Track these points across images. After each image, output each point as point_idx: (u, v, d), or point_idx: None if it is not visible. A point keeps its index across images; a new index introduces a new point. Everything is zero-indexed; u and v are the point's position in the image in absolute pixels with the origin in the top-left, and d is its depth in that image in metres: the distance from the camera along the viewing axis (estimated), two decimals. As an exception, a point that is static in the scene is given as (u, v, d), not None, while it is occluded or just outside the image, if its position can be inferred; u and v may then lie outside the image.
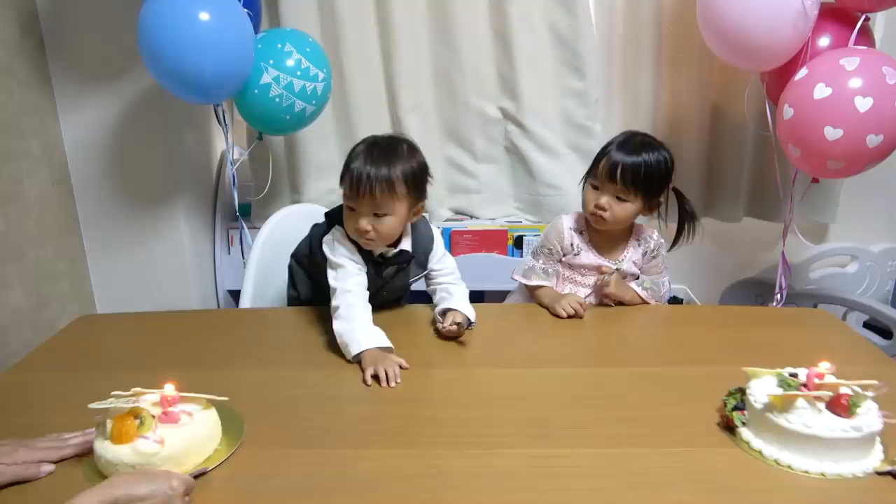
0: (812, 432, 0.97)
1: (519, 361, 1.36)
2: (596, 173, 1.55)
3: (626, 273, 1.63)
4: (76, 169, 2.09)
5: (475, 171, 2.37)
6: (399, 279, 1.55)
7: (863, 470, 0.97)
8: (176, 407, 1.00)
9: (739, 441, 1.05)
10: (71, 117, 2.05)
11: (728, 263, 2.51)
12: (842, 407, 0.99)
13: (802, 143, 1.70)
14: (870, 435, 0.98)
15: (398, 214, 1.40)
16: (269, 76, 1.78)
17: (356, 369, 1.32)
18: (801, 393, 1.00)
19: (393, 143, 1.43)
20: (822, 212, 2.34)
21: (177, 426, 0.98)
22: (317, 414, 1.17)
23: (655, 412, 1.17)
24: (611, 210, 1.54)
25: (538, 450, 1.05)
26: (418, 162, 1.43)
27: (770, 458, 1.00)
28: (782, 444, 1.00)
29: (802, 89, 1.67)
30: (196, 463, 0.99)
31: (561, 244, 1.65)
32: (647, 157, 1.52)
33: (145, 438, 0.95)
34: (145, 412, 0.98)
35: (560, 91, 2.26)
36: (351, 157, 1.40)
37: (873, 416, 0.99)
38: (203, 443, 1.01)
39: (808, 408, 1.00)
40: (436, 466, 1.01)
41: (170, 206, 2.16)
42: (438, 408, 1.18)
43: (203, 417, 1.03)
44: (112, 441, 0.95)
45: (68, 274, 2.08)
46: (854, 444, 0.97)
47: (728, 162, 2.32)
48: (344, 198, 1.42)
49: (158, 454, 0.95)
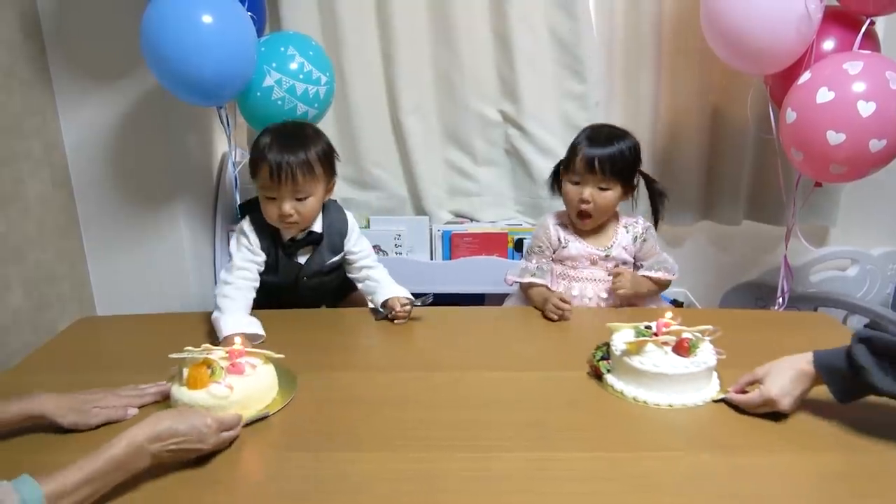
0: (660, 370, 1.17)
1: (516, 364, 1.36)
2: (573, 169, 1.61)
3: (618, 261, 1.67)
4: (77, 170, 2.09)
5: (475, 173, 2.37)
6: (314, 262, 1.61)
7: (702, 399, 1.19)
8: (241, 359, 1.17)
9: (606, 385, 1.25)
10: (72, 119, 2.04)
11: (728, 266, 2.50)
12: (684, 349, 1.20)
13: (805, 147, 1.69)
14: (706, 369, 1.20)
15: (317, 195, 1.51)
16: (272, 79, 1.78)
17: (351, 372, 1.33)
18: (649, 338, 1.21)
19: (298, 127, 1.54)
20: (822, 215, 2.33)
21: (242, 376, 1.15)
22: (313, 417, 1.18)
23: (653, 416, 1.17)
24: (594, 202, 1.60)
25: (535, 453, 1.05)
26: (325, 142, 1.54)
27: (629, 397, 1.20)
28: (638, 383, 1.20)
29: (805, 93, 1.67)
30: (258, 408, 1.16)
31: (549, 240, 1.69)
32: (619, 145, 1.59)
33: (218, 384, 1.12)
34: (216, 363, 1.15)
35: (560, 94, 2.26)
36: (261, 148, 1.47)
37: (709, 354, 1.22)
38: (264, 391, 1.19)
39: (657, 351, 1.21)
40: (432, 470, 1.01)
41: (170, 208, 2.16)
42: (435, 411, 1.19)
43: (264, 370, 1.20)
44: (188, 387, 1.13)
45: (68, 275, 2.08)
46: (694, 377, 1.19)
47: (728, 165, 2.32)
48: (261, 189, 1.50)
49: (228, 398, 1.11)
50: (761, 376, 1.15)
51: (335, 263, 1.67)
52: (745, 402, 1.15)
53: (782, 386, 1.11)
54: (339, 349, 1.42)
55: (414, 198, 2.38)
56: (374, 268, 1.67)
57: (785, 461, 1.03)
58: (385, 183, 2.35)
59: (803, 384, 1.12)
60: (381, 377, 1.31)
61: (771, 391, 1.11)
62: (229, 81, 1.73)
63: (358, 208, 2.36)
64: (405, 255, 2.33)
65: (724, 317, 1.68)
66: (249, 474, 1.01)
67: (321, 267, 1.64)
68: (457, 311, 1.67)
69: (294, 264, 1.61)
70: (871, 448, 1.06)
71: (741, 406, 1.16)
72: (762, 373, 1.15)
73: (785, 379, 1.12)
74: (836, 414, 1.13)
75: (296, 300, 1.68)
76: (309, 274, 1.64)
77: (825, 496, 0.97)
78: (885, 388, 1.02)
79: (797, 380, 1.12)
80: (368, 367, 1.37)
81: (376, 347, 1.50)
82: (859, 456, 1.04)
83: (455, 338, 1.51)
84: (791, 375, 1.12)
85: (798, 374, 1.12)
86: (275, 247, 1.59)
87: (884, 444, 1.06)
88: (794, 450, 1.06)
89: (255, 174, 1.50)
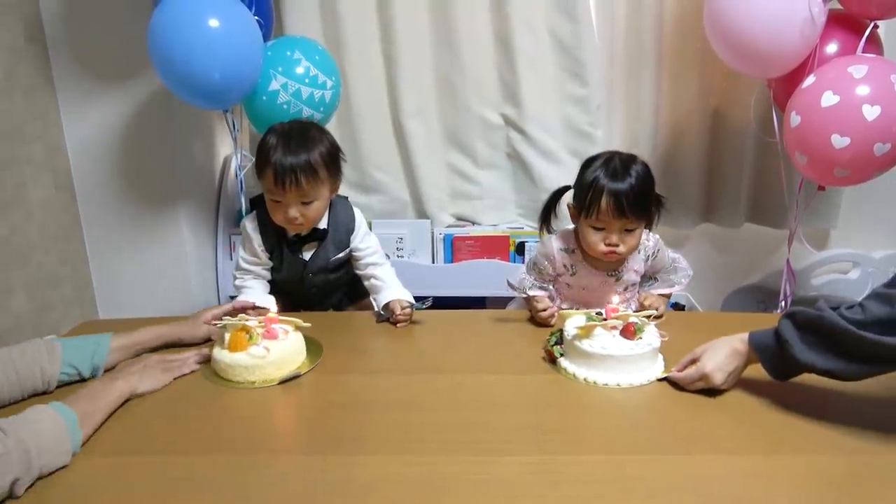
0: (608, 352, 1.26)
1: (516, 367, 1.36)
2: (595, 214, 1.45)
3: (627, 283, 1.62)
4: (79, 174, 2.10)
5: (477, 177, 2.36)
6: (319, 258, 1.61)
7: (647, 379, 1.27)
8: (275, 326, 1.32)
9: (559, 369, 1.32)
10: (74, 122, 2.05)
11: (729, 270, 2.50)
12: (630, 332, 1.29)
13: (809, 150, 1.69)
14: (651, 350, 1.28)
15: (323, 197, 1.53)
16: (278, 83, 1.79)
17: (355, 375, 1.33)
18: (597, 322, 1.30)
19: (304, 128, 1.53)
20: (823, 217, 2.33)
21: (277, 340, 1.31)
22: (320, 420, 1.18)
23: (654, 419, 1.17)
24: (623, 244, 1.48)
25: (536, 456, 1.05)
26: (330, 142, 1.54)
27: (581, 378, 1.28)
28: (589, 365, 1.28)
29: (810, 97, 1.66)
30: (290, 369, 1.31)
31: (553, 266, 1.61)
32: (637, 172, 1.45)
33: (256, 346, 1.28)
34: (253, 329, 1.30)
35: (562, 97, 2.25)
36: (266, 151, 1.47)
37: (653, 336, 1.30)
38: (296, 353, 1.34)
39: (605, 334, 1.29)
40: (433, 473, 1.01)
41: (173, 211, 2.16)
42: (435, 413, 1.19)
43: (294, 336, 1.36)
44: (229, 349, 1.28)
45: (71, 279, 2.08)
46: (640, 358, 1.27)
47: (729, 168, 2.31)
48: (267, 192, 1.51)
49: (266, 358, 1.27)
50: (699, 354, 1.22)
51: (340, 260, 1.66)
52: (682, 378, 1.22)
53: (717, 362, 1.18)
54: (343, 352, 1.42)
55: (415, 201, 2.38)
56: (381, 265, 1.66)
57: (784, 463, 1.03)
58: (386, 186, 2.34)
59: (736, 361, 1.19)
60: (384, 380, 1.31)
61: (706, 366, 1.18)
62: (236, 85, 1.73)
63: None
64: (407, 258, 2.32)
65: (728, 321, 1.68)
66: (256, 478, 1.01)
67: (326, 263, 1.64)
68: (458, 315, 1.67)
69: (299, 260, 1.62)
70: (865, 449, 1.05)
71: (679, 383, 1.23)
72: (700, 351, 1.23)
73: (720, 355, 1.19)
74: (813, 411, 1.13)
75: (304, 299, 1.69)
76: (314, 270, 1.64)
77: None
78: (805, 360, 1.08)
79: (731, 356, 1.19)
80: (372, 371, 1.37)
81: (379, 351, 1.50)
82: (850, 457, 1.04)
83: (456, 341, 1.51)
84: (726, 352, 1.19)
85: (732, 352, 1.19)
86: (279, 243, 1.60)
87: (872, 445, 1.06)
88: (790, 452, 1.06)
89: (260, 175, 1.52)
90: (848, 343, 1.04)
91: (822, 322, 1.06)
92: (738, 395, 1.22)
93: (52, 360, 1.21)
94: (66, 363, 1.23)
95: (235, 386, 1.28)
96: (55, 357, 1.22)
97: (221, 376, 1.30)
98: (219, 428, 1.15)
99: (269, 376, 1.29)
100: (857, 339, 1.02)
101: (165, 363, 1.30)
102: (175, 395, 1.26)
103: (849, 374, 1.07)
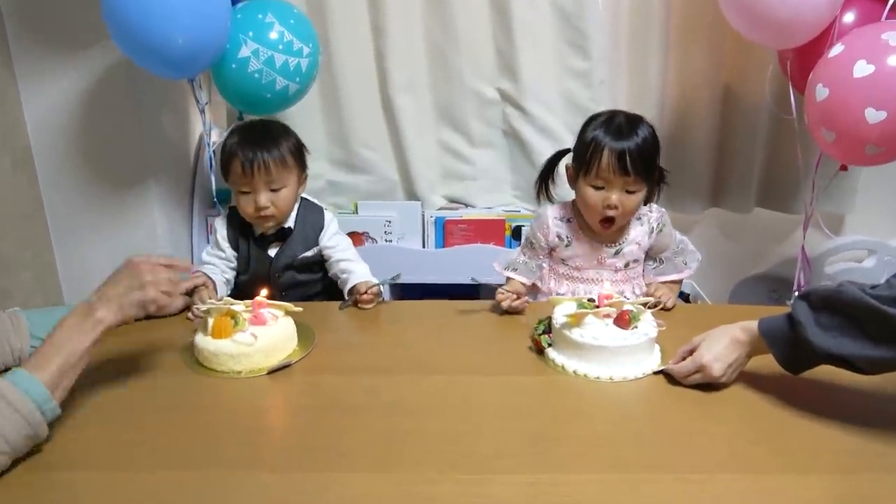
0: (600, 343, 1.16)
1: (514, 367, 1.24)
2: (595, 171, 1.40)
3: (628, 259, 1.51)
4: (40, 151, 1.95)
5: (471, 156, 2.26)
6: (285, 255, 1.60)
7: (643, 372, 1.18)
8: (263, 311, 1.24)
9: (547, 360, 1.23)
10: (34, 96, 1.90)
11: (738, 257, 2.39)
12: (624, 321, 1.19)
13: (838, 126, 1.55)
14: (647, 341, 1.18)
15: (291, 186, 1.53)
16: (248, 49, 1.65)
17: (331, 375, 1.21)
18: (589, 310, 1.20)
19: (265, 123, 1.57)
20: (839, 202, 2.21)
21: (266, 326, 1.22)
22: (287, 427, 1.05)
23: (667, 428, 1.04)
24: (622, 206, 1.41)
25: (538, 475, 0.92)
26: (294, 136, 1.57)
27: (570, 371, 1.18)
28: (579, 356, 1.18)
29: (839, 67, 1.53)
30: (280, 357, 1.23)
31: (546, 238, 1.53)
32: (643, 133, 1.40)
33: (243, 333, 1.19)
34: (239, 314, 1.22)
35: (562, 71, 2.14)
36: (229, 148, 1.50)
37: (649, 325, 1.21)
38: (286, 341, 1.26)
39: (597, 323, 1.19)
40: (420, 494, 0.88)
41: (143, 192, 2.03)
42: (423, 420, 1.06)
43: (284, 321, 1.27)
44: (212, 336, 1.20)
45: (31, 264, 1.94)
46: (635, 350, 1.17)
47: (740, 148, 2.20)
48: (234, 185, 1.52)
49: (253, 345, 1.18)
50: (697, 343, 1.14)
51: (308, 259, 1.61)
52: (678, 370, 1.14)
53: (716, 352, 1.10)
54: (319, 348, 1.29)
55: (405, 181, 2.27)
56: (353, 261, 1.61)
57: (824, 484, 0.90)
58: (374, 165, 2.23)
59: (737, 351, 1.10)
60: (365, 381, 1.18)
61: (703, 357, 1.10)
62: (201, 51, 1.59)
63: (345, 192, 2.25)
64: (395, 242, 2.22)
65: (737, 313, 1.54)
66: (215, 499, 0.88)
67: (292, 260, 1.59)
68: (450, 305, 1.54)
69: (265, 256, 1.59)
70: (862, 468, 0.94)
71: (675, 376, 1.14)
72: (698, 340, 1.14)
73: (719, 345, 1.10)
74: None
75: None
76: (280, 268, 1.59)
77: None
78: (821, 345, 0.97)
79: (731, 346, 1.10)
80: (352, 370, 1.24)
81: (362, 346, 1.37)
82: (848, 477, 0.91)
83: (447, 335, 1.39)
84: (725, 342, 1.11)
85: (732, 341, 1.10)
86: (246, 239, 1.60)
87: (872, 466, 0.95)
88: (783, 470, 0.93)
89: (227, 173, 1.52)
90: (871, 322, 0.92)
91: (840, 298, 0.94)
92: (748, 393, 1.11)
93: (20, 334, 1.15)
94: (34, 337, 1.15)
95: (219, 375, 1.19)
96: (22, 331, 1.15)
97: (205, 365, 1.21)
98: (189, 431, 1.03)
99: (257, 365, 1.21)
100: (883, 317, 0.90)
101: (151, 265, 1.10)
102: (153, 386, 1.17)
103: (872, 361, 0.94)
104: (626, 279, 1.53)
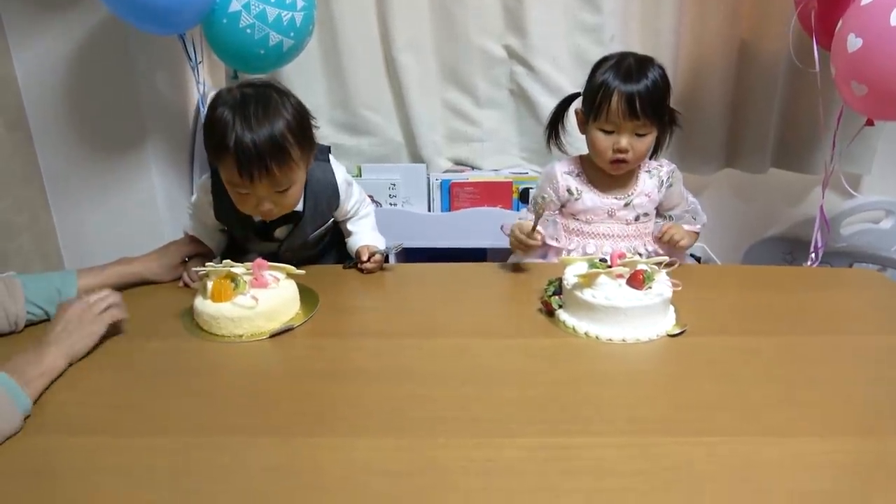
0: (612, 304, 1.12)
1: (524, 330, 1.19)
2: (605, 115, 1.38)
3: (638, 212, 1.49)
4: (34, 112, 1.90)
5: (477, 117, 2.20)
6: (296, 238, 1.44)
7: (656, 334, 1.13)
8: (264, 273, 1.19)
9: (557, 322, 1.19)
10: (25, 53, 1.84)
11: (752, 219, 2.33)
12: (638, 281, 1.14)
13: (872, 78, 1.46)
14: (661, 301, 1.14)
15: (299, 181, 1.29)
16: (239, 3, 1.57)
17: (337, 339, 1.17)
18: (601, 270, 1.15)
19: (260, 94, 1.22)
20: (857, 162, 2.14)
21: (267, 289, 1.18)
22: (289, 391, 1.01)
23: (682, 391, 1.00)
24: (633, 150, 1.39)
25: (548, 439, 0.88)
26: (294, 107, 1.26)
27: (581, 333, 1.14)
28: (591, 318, 1.14)
29: (874, 14, 1.44)
30: (282, 321, 1.19)
31: (556, 192, 1.51)
32: (652, 75, 1.37)
33: (243, 295, 1.15)
34: (240, 276, 1.17)
35: (572, 26, 2.07)
36: (220, 130, 1.18)
37: (664, 285, 1.16)
38: (288, 304, 1.22)
39: (610, 283, 1.15)
40: (430, 459, 0.85)
41: (140, 153, 1.98)
42: (430, 384, 1.02)
43: (287, 284, 1.23)
44: (212, 300, 1.16)
45: (29, 227, 1.90)
46: (648, 311, 1.13)
47: (757, 106, 2.12)
48: (228, 183, 1.25)
49: (254, 308, 1.14)
50: None
51: (322, 233, 1.49)
52: None
53: None
54: (322, 311, 1.25)
55: (410, 144, 2.21)
56: (362, 218, 1.52)
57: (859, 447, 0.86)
58: (378, 127, 2.18)
59: None
60: (370, 345, 1.15)
61: None
62: (188, 4, 1.51)
63: (348, 155, 2.19)
64: (400, 206, 2.18)
65: (752, 274, 1.50)
66: (206, 469, 0.85)
67: (304, 241, 1.47)
68: (457, 268, 1.50)
69: (271, 242, 1.44)
70: None
71: None
72: None
73: None
74: None
75: None
76: (291, 248, 1.46)
77: None
78: None
79: None
80: (356, 334, 1.20)
81: (367, 310, 1.33)
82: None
83: (455, 298, 1.35)
84: None
85: None
86: (244, 226, 1.40)
87: None
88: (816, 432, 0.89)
89: (217, 160, 1.23)
90: None
91: None
92: (765, 354, 1.08)
93: (15, 298, 1.14)
94: (29, 302, 1.16)
95: (220, 340, 1.15)
96: (17, 295, 1.15)
97: (205, 329, 1.17)
98: (189, 396, 1.00)
99: (259, 329, 1.16)
100: None
101: (87, 309, 1.10)
102: (152, 350, 1.14)
103: None
104: (637, 234, 1.50)
